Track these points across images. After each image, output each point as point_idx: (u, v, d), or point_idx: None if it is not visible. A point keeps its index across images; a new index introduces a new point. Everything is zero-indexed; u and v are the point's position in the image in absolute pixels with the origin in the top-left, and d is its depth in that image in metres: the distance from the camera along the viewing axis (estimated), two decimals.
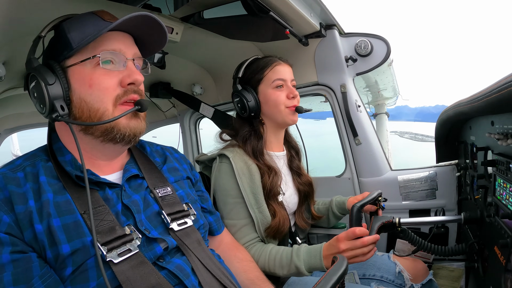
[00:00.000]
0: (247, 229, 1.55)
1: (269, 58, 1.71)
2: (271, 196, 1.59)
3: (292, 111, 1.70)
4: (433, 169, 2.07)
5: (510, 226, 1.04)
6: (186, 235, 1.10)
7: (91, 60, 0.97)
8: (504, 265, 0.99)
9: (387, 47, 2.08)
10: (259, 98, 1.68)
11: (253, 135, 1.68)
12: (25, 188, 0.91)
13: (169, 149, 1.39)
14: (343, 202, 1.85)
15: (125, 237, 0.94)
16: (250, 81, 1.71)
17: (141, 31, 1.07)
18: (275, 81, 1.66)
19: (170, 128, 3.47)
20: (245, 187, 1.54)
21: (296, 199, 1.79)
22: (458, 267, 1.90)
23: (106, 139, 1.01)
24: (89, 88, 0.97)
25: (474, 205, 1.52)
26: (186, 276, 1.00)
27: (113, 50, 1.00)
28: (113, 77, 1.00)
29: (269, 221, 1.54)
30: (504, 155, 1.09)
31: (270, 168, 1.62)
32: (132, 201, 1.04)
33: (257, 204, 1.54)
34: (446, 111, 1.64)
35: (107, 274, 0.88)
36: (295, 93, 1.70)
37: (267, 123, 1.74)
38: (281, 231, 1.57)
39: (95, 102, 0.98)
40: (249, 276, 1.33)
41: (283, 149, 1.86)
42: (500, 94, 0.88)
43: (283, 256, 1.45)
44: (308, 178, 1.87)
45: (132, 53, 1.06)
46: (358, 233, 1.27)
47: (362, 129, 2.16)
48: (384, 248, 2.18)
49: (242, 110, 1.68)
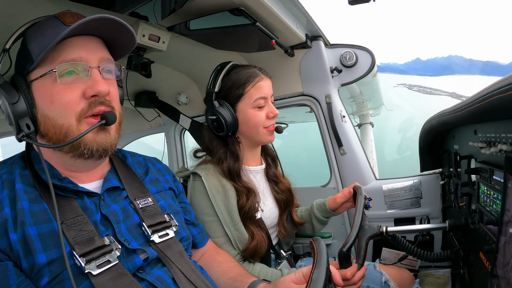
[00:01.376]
0: (227, 247, 1.53)
1: (251, 71, 1.59)
2: (248, 216, 1.55)
3: (270, 131, 1.63)
4: (418, 178, 2.10)
5: (494, 232, 1.06)
6: (167, 247, 1.08)
7: (50, 74, 0.92)
8: (490, 270, 1.01)
9: (372, 58, 2.12)
10: (237, 117, 1.58)
11: (229, 156, 1.59)
12: (1, 196, 0.89)
13: (152, 159, 1.37)
14: (323, 204, 1.77)
15: (104, 248, 0.92)
16: (228, 96, 1.59)
17: (107, 33, 1.00)
18: (257, 101, 1.56)
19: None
20: (219, 205, 1.51)
21: (277, 213, 1.74)
22: (444, 273, 1.92)
23: (75, 155, 0.97)
24: (51, 104, 0.93)
25: (459, 213, 1.55)
26: (167, 287, 0.98)
27: (73, 59, 0.94)
28: (74, 89, 0.94)
29: (246, 238, 1.51)
30: (487, 163, 1.12)
31: (249, 190, 1.57)
32: (111, 211, 1.02)
33: (232, 222, 1.51)
34: (430, 121, 1.67)
35: (84, 285, 0.86)
36: (276, 112, 1.62)
37: (243, 141, 1.66)
38: (259, 253, 1.54)
39: (58, 118, 0.94)
40: (230, 275, 1.30)
41: (261, 162, 1.80)
42: (482, 104, 0.90)
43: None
44: (286, 184, 1.82)
45: (97, 58, 0.98)
46: (349, 277, 1.23)
47: (346, 139, 2.18)
48: (370, 258, 2.19)
49: (218, 129, 1.58)
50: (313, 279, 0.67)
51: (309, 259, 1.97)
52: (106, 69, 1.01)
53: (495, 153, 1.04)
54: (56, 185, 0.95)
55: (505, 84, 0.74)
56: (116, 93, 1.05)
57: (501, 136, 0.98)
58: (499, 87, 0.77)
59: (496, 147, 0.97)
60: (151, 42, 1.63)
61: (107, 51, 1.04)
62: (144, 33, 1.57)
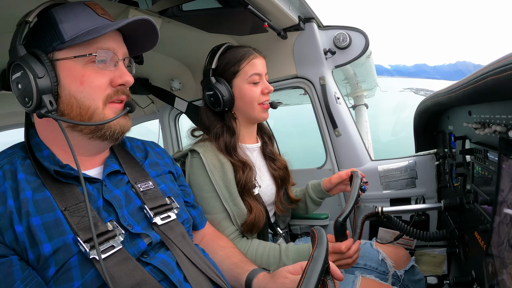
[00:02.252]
0: (226, 222, 1.55)
1: (246, 50, 1.64)
2: (246, 190, 1.58)
3: (264, 108, 1.67)
4: (413, 159, 2.11)
5: (489, 212, 1.07)
6: (169, 229, 1.09)
7: (88, 58, 0.95)
8: (485, 249, 1.02)
9: (366, 40, 2.10)
10: (233, 92, 1.63)
11: (225, 131, 1.63)
12: (3, 188, 0.88)
13: (150, 143, 1.37)
14: (318, 184, 1.83)
15: (108, 233, 0.92)
16: (224, 73, 1.63)
17: (135, 31, 1.05)
18: (252, 76, 1.61)
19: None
20: (218, 181, 1.53)
21: (274, 189, 1.77)
22: (440, 253, 1.95)
23: (95, 136, 1.00)
24: (81, 85, 0.95)
25: (454, 193, 1.56)
26: (171, 271, 0.98)
27: (108, 49, 0.98)
28: (104, 76, 0.98)
29: (245, 213, 1.54)
30: (482, 144, 1.12)
31: (244, 164, 1.60)
32: (114, 196, 1.02)
33: (231, 197, 1.54)
34: (424, 102, 1.67)
35: (91, 272, 0.87)
36: (270, 88, 1.67)
37: (239, 118, 1.70)
38: (257, 226, 1.56)
39: (86, 100, 0.95)
40: (232, 260, 1.32)
41: (257, 140, 1.83)
42: (477, 85, 0.90)
43: (271, 254, 1.46)
44: (282, 162, 1.86)
45: (122, 52, 1.04)
46: (344, 250, 1.30)
47: (341, 120, 2.18)
48: (367, 236, 2.22)
49: (215, 104, 1.62)
50: (307, 272, 0.67)
51: (307, 238, 1.99)
52: (126, 63, 1.07)
53: (489, 134, 1.04)
54: (58, 171, 0.94)
55: (500, 65, 0.73)
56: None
57: (495, 117, 0.98)
58: (494, 68, 0.77)
59: (491, 128, 0.97)
60: None
61: (126, 48, 1.09)
62: None
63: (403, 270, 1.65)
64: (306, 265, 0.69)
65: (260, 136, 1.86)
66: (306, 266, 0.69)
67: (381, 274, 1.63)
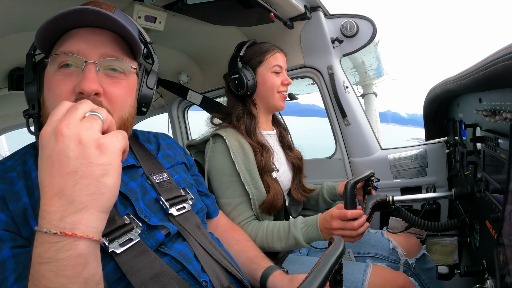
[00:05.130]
0: (243, 207, 1.59)
1: (271, 44, 1.80)
2: (265, 172, 1.63)
3: (283, 97, 1.81)
4: (423, 147, 2.09)
5: (500, 200, 1.06)
6: (185, 220, 1.10)
7: (54, 63, 0.91)
8: (496, 238, 1.01)
9: (373, 27, 2.06)
10: (256, 79, 1.76)
11: (246, 114, 1.74)
12: (18, 187, 0.89)
13: (161, 135, 1.38)
14: (334, 187, 1.89)
15: (125, 227, 0.92)
16: (250, 61, 1.77)
17: (112, 27, 0.94)
18: (275, 67, 1.76)
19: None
20: (240, 164, 1.57)
21: (290, 176, 1.85)
22: (451, 242, 1.94)
23: None
24: (48, 92, 0.92)
25: (464, 181, 1.54)
26: (189, 261, 0.99)
27: (70, 52, 0.90)
28: (68, 83, 0.90)
29: (265, 196, 1.58)
30: (492, 131, 1.10)
31: (262, 146, 1.67)
32: (130, 189, 1.02)
33: (252, 181, 1.58)
34: (434, 89, 1.64)
35: (110, 265, 0.87)
36: (289, 80, 1.81)
37: (259, 104, 1.82)
38: (275, 206, 1.60)
39: (50, 108, 0.91)
40: (248, 255, 1.33)
41: (273, 128, 1.93)
42: (487, 71, 0.88)
43: (281, 229, 1.50)
44: (298, 152, 1.97)
45: (98, 53, 0.93)
46: (349, 217, 1.33)
47: (350, 109, 2.16)
48: (378, 226, 2.21)
49: (238, 87, 1.73)
50: (311, 273, 0.67)
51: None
52: (110, 66, 0.96)
53: (500, 121, 1.02)
54: None
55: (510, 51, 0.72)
56: (118, 94, 0.97)
57: (506, 104, 0.96)
58: (504, 54, 0.75)
59: (501, 115, 0.96)
60: (147, 23, 1.61)
61: (116, 47, 0.97)
62: (140, 14, 1.55)
63: (414, 259, 1.65)
64: (313, 267, 0.69)
65: (275, 126, 1.96)
66: (313, 268, 0.68)
67: (392, 262, 1.64)
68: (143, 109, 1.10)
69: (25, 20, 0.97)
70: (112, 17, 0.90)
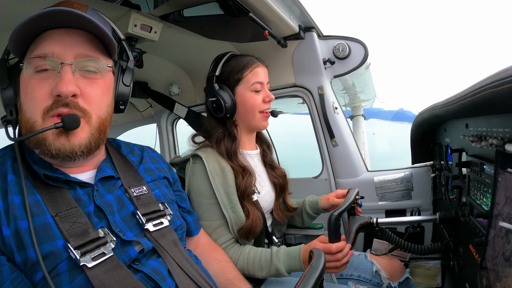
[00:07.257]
0: (221, 230, 1.53)
1: (249, 58, 1.66)
2: (245, 196, 1.57)
3: (265, 117, 1.69)
4: (409, 170, 2.12)
5: (484, 225, 1.07)
6: (162, 236, 1.07)
7: (29, 66, 0.90)
8: (480, 262, 1.02)
9: (365, 50, 2.11)
10: (235, 99, 1.64)
11: (227, 136, 1.64)
12: None
13: (146, 148, 1.34)
14: (316, 202, 1.84)
15: (98, 240, 0.90)
16: (228, 80, 1.65)
17: (87, 27, 0.93)
18: (254, 85, 1.63)
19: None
20: (218, 187, 1.52)
21: (273, 196, 1.77)
22: (434, 265, 1.94)
23: (41, 153, 0.94)
24: (25, 96, 0.92)
25: (449, 205, 1.56)
26: (162, 279, 0.97)
27: (44, 54, 0.89)
28: (44, 86, 0.89)
29: (243, 221, 1.52)
30: (478, 157, 1.13)
31: (244, 169, 1.60)
32: (105, 202, 1.00)
33: (230, 204, 1.52)
34: (422, 114, 1.67)
35: (80, 278, 0.85)
36: (271, 96, 1.68)
37: (240, 124, 1.71)
38: (254, 232, 1.55)
39: (27, 112, 0.91)
40: (227, 276, 1.31)
41: (256, 147, 1.85)
42: (474, 98, 0.90)
43: (262, 258, 1.45)
44: (281, 171, 1.87)
45: (73, 54, 0.92)
46: (334, 251, 1.29)
47: (339, 130, 2.19)
48: (361, 248, 2.21)
49: (217, 110, 1.63)
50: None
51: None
52: (86, 67, 0.95)
53: (486, 147, 1.05)
54: (48, 175, 0.93)
55: (498, 79, 0.74)
56: (95, 94, 0.97)
57: (492, 130, 0.98)
58: (491, 82, 0.77)
59: (487, 141, 0.98)
60: (143, 32, 1.61)
61: (91, 47, 0.96)
62: (136, 23, 1.55)
63: (397, 282, 1.64)
64: (297, 284, 0.68)
65: (258, 144, 1.87)
66: (296, 285, 0.68)
67: (375, 285, 1.62)
68: (121, 107, 1.09)
69: (17, 17, 0.97)
70: (84, 16, 0.89)
